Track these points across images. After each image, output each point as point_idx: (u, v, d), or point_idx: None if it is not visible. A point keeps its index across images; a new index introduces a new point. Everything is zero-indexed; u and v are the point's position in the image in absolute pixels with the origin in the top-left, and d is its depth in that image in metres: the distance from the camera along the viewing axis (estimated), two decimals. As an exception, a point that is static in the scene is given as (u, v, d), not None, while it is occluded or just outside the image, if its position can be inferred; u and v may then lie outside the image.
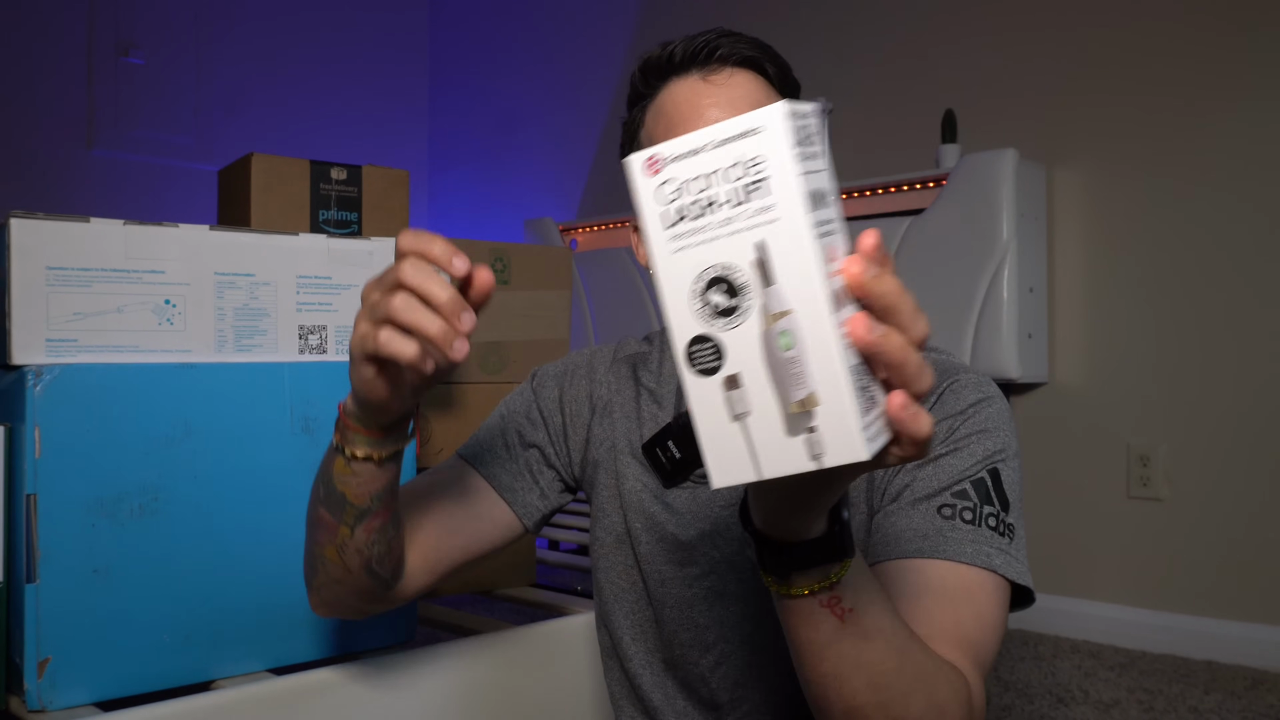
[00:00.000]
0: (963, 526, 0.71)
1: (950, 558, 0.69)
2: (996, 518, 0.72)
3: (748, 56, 0.81)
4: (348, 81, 3.95)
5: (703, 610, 0.86)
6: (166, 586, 1.01)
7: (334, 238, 1.15)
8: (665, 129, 0.81)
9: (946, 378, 0.79)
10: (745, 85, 0.81)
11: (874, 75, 2.80)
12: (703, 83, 0.81)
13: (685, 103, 0.80)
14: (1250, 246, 2.20)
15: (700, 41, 0.81)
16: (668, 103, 0.82)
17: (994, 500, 0.72)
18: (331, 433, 0.75)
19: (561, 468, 0.95)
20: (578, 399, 0.94)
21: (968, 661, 0.65)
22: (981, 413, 0.76)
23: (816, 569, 0.55)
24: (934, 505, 0.72)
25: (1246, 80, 2.20)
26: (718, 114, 0.79)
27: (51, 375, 0.95)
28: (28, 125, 3.22)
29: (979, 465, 0.73)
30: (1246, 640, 2.14)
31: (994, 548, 0.71)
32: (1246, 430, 2.18)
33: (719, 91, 0.80)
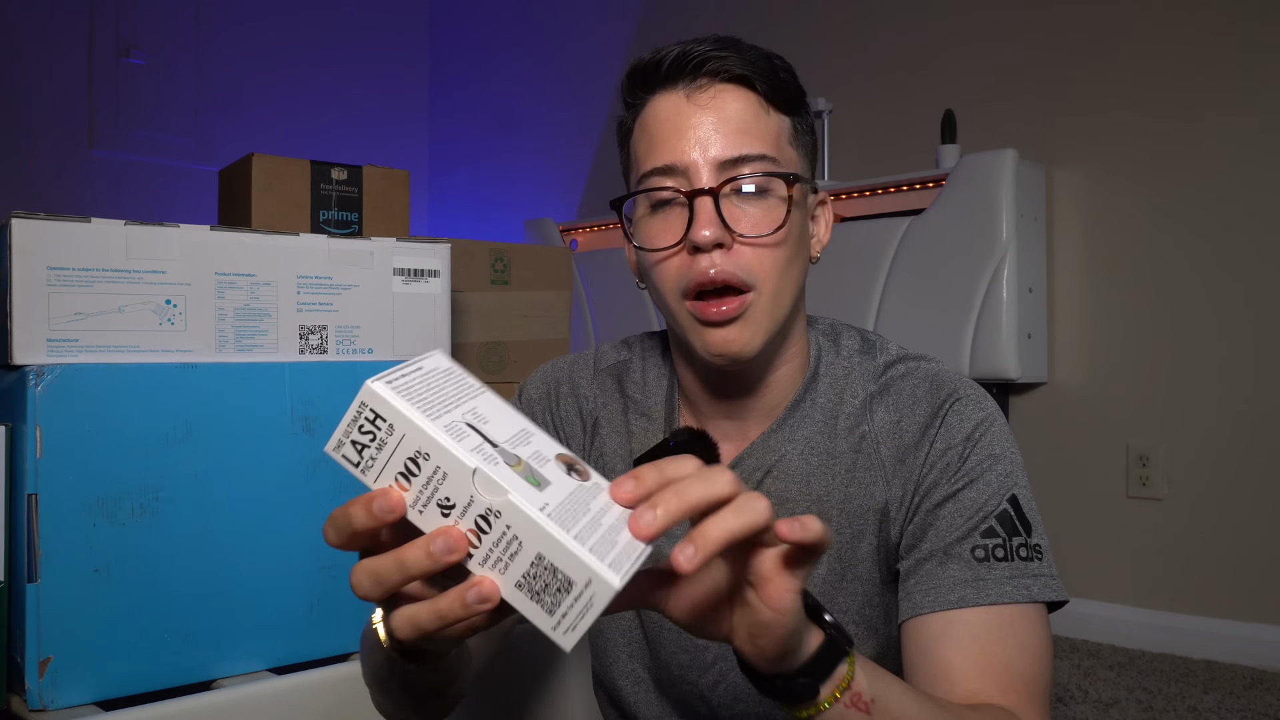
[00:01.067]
0: (998, 566, 0.73)
1: (994, 601, 0.71)
2: (1026, 546, 0.74)
3: (737, 74, 0.76)
4: (348, 81, 3.95)
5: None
6: (167, 586, 1.01)
7: (334, 238, 1.15)
8: (647, 147, 0.77)
9: (944, 395, 0.79)
10: (732, 104, 0.75)
11: (874, 76, 2.80)
12: (686, 101, 0.76)
13: (667, 121, 0.76)
14: (1249, 247, 2.20)
15: (689, 54, 0.76)
16: (650, 118, 0.77)
17: (1020, 529, 0.74)
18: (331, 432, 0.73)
19: None
20: (569, 420, 0.90)
21: (1025, 700, 0.68)
22: (988, 435, 0.77)
23: (829, 678, 0.57)
24: (966, 549, 0.73)
25: (1246, 82, 2.20)
26: (699, 135, 0.74)
27: (52, 375, 0.96)
28: (28, 125, 3.22)
29: (999, 497, 0.75)
30: (1245, 640, 2.14)
31: (1030, 577, 0.73)
32: (1245, 430, 2.19)
33: (703, 112, 0.75)
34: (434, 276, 1.22)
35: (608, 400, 0.90)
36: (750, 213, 0.75)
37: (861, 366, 0.83)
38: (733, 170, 0.74)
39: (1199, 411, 2.25)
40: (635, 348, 0.93)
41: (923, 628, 0.73)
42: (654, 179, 0.76)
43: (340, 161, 1.45)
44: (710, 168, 0.74)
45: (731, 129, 0.75)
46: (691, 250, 0.74)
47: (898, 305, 2.46)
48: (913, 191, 2.56)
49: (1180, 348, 2.28)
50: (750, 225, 0.74)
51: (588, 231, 3.37)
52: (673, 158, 0.75)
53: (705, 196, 0.73)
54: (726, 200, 0.74)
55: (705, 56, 0.75)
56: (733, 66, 0.75)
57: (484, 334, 1.56)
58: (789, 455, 0.81)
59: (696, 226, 0.73)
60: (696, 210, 0.73)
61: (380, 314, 1.17)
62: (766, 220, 0.74)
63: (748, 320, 0.75)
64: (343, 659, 1.13)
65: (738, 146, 0.74)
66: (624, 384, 0.90)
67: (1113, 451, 2.37)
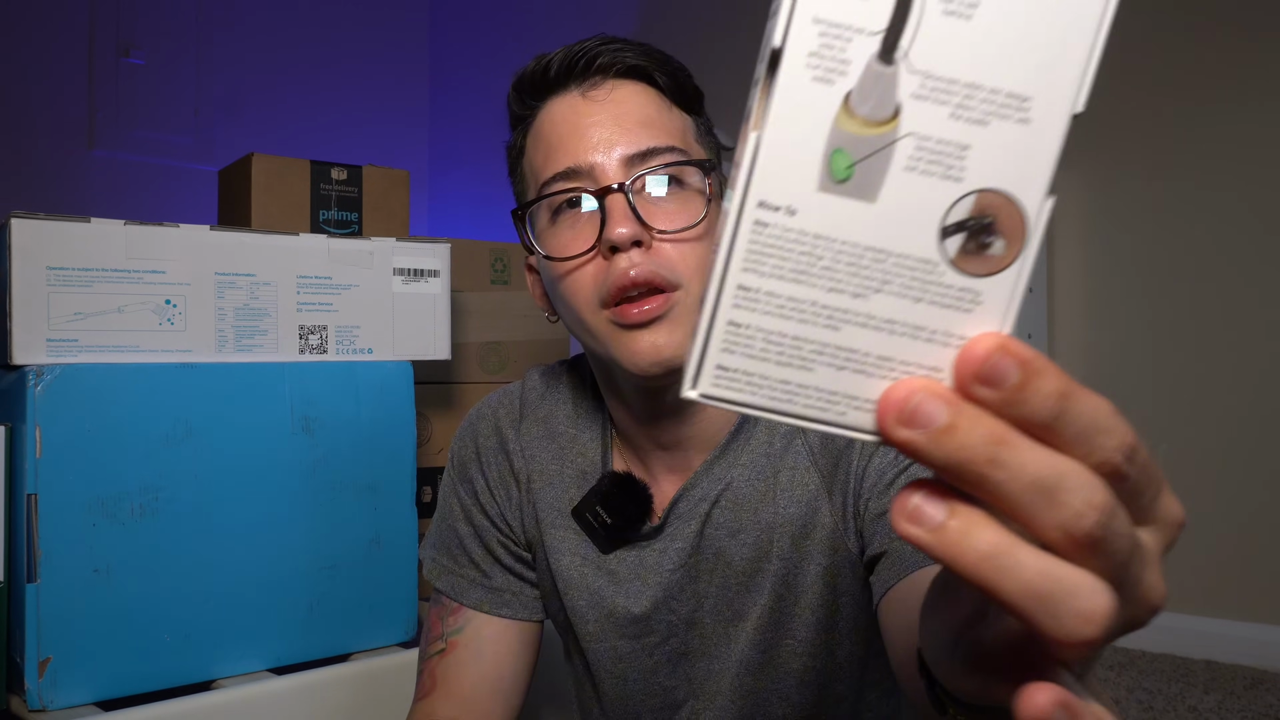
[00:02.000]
0: None
1: None
2: None
3: (632, 65, 0.71)
4: (348, 81, 3.95)
5: (667, 673, 0.80)
6: (167, 586, 1.02)
7: (334, 238, 1.15)
8: (545, 155, 0.71)
9: None
10: (633, 99, 0.71)
11: (874, 75, 2.80)
12: (582, 99, 0.71)
13: (564, 123, 0.71)
14: (1250, 247, 2.20)
15: (578, 52, 0.71)
16: (545, 124, 0.72)
17: None
18: (331, 432, 0.72)
19: (524, 552, 0.86)
20: (504, 480, 0.84)
21: None
22: None
23: None
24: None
25: (1246, 82, 2.20)
26: (601, 134, 0.69)
27: (52, 375, 0.96)
28: (28, 125, 3.22)
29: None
30: (1246, 640, 2.14)
31: None
32: (1246, 430, 2.19)
33: (601, 109, 0.70)
34: (434, 276, 1.22)
35: (537, 450, 0.83)
36: (666, 208, 0.69)
37: None
38: (641, 165, 0.69)
39: (1199, 412, 2.25)
40: (564, 377, 0.86)
41: (902, 593, 0.65)
42: (555, 184, 0.70)
43: (340, 161, 1.45)
44: (617, 165, 0.69)
45: (634, 122, 0.70)
46: (608, 252, 0.68)
47: (898, 305, 2.46)
48: (913, 191, 2.56)
49: (1181, 348, 2.28)
50: (668, 220, 0.69)
51: (588, 231, 3.37)
52: (574, 160, 0.69)
53: (617, 194, 0.68)
54: (639, 197, 0.69)
55: (595, 52, 0.71)
56: (627, 59, 0.71)
57: (484, 334, 1.57)
58: (735, 482, 0.75)
59: (610, 225, 0.67)
60: (609, 209, 0.67)
61: (380, 314, 1.17)
62: (684, 214, 0.69)
63: (674, 320, 0.68)
64: (343, 659, 1.14)
65: (644, 140, 0.69)
66: (554, 423, 0.84)
67: (1113, 451, 2.37)
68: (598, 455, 0.80)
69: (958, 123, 0.29)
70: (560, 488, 0.82)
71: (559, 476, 0.82)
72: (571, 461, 0.82)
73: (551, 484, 0.82)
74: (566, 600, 0.81)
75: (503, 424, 0.85)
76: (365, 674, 1.10)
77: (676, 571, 0.77)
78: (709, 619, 0.77)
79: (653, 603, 0.78)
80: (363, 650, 1.15)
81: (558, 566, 0.81)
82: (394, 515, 1.17)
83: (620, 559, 0.79)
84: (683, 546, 0.76)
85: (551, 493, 0.82)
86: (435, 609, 0.87)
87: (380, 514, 1.16)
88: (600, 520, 0.77)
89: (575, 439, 0.82)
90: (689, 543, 0.76)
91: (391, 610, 1.17)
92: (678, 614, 0.78)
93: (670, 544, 0.77)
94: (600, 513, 0.76)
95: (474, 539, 0.85)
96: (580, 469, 0.81)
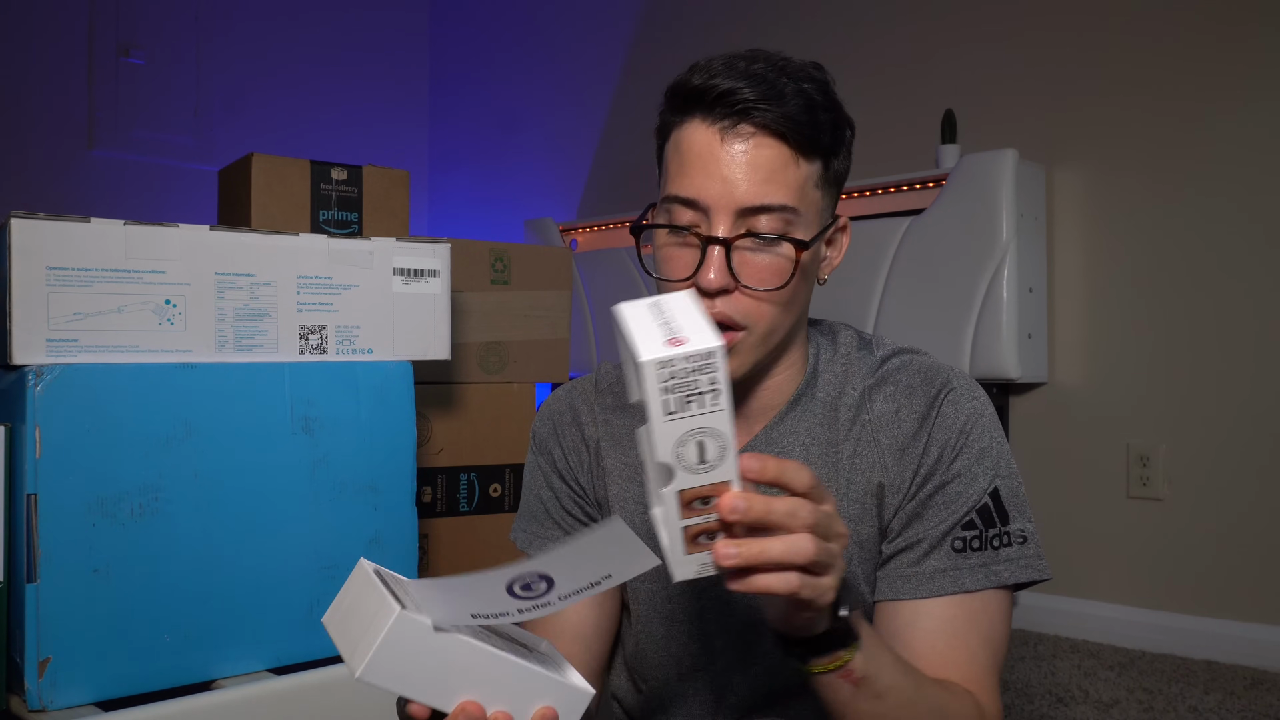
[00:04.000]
0: (973, 556, 0.79)
1: (966, 589, 0.78)
2: (1001, 534, 0.80)
3: (770, 127, 0.75)
4: (348, 81, 3.95)
5: (712, 620, 0.88)
6: (166, 586, 1.01)
7: (334, 238, 1.15)
8: (677, 169, 0.79)
9: (938, 385, 0.83)
10: (764, 153, 0.76)
11: (874, 75, 2.80)
12: (720, 141, 0.76)
13: (697, 156, 0.77)
14: (1250, 247, 2.20)
15: (734, 95, 0.75)
16: (684, 143, 0.79)
17: (996, 520, 0.80)
18: (330, 433, 0.74)
19: (596, 512, 0.96)
20: (576, 448, 0.94)
21: (982, 685, 0.77)
22: (977, 428, 0.82)
23: (826, 655, 0.66)
24: (948, 542, 0.80)
25: (1247, 82, 2.20)
26: (727, 184, 0.76)
27: (52, 375, 0.96)
28: (28, 125, 3.22)
29: (982, 492, 0.80)
30: (1246, 640, 2.14)
31: (1001, 563, 0.79)
32: (1246, 430, 2.19)
33: (732, 157, 0.76)
34: (434, 276, 1.22)
35: (609, 418, 0.93)
36: (759, 262, 0.77)
37: (860, 362, 0.87)
38: (751, 219, 0.76)
39: (1199, 411, 2.25)
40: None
41: (897, 613, 0.80)
42: (676, 207, 0.79)
43: (340, 161, 1.45)
44: (728, 213, 0.76)
45: (758, 178, 0.76)
46: (697, 288, 0.77)
47: (898, 305, 2.46)
48: (913, 191, 2.56)
49: (1180, 348, 2.28)
50: (756, 277, 0.77)
51: (588, 231, 3.36)
52: (696, 193, 0.77)
53: (718, 246, 0.76)
54: (737, 250, 0.77)
55: (748, 106, 0.75)
56: (772, 122, 0.75)
57: (484, 334, 1.56)
58: (791, 448, 0.85)
59: (704, 271, 0.76)
60: (708, 256, 0.76)
61: (380, 314, 1.17)
62: (772, 274, 0.77)
63: (735, 352, 0.78)
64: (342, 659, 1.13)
65: (760, 196, 0.76)
66: (626, 398, 0.92)
67: (1113, 451, 2.37)
68: None
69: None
70: (628, 446, 0.91)
71: (627, 438, 0.92)
72: (641, 425, 0.88)
73: (620, 445, 0.92)
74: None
75: (576, 401, 0.96)
76: (365, 674, 1.10)
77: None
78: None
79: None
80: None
81: (622, 515, 0.89)
82: (394, 515, 1.17)
83: None
84: None
85: (619, 453, 0.91)
86: None
87: (380, 514, 1.16)
88: None
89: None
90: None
91: (391, 610, 1.17)
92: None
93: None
94: None
95: (554, 502, 0.95)
96: None
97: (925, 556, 0.80)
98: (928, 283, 2.40)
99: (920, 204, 2.52)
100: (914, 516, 0.82)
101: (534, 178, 3.86)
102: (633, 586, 0.90)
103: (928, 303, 2.40)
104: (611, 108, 3.58)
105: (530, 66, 3.90)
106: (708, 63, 0.78)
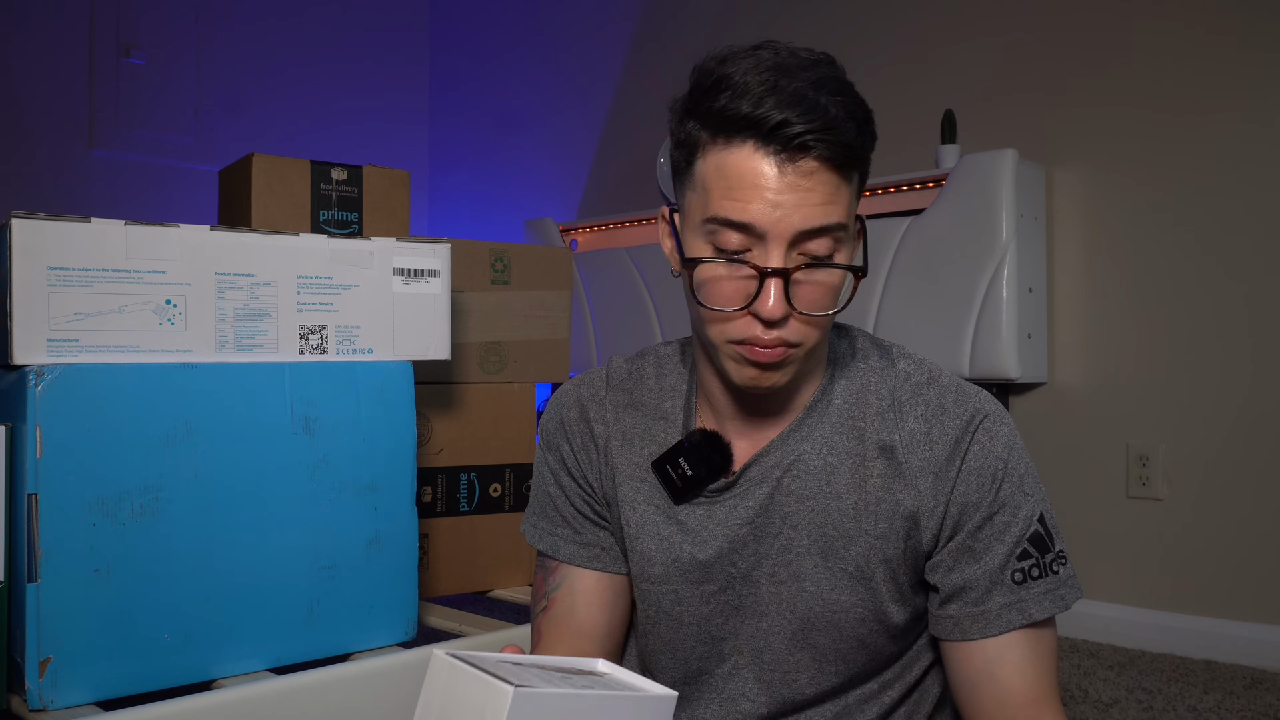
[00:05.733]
0: (1035, 585, 0.81)
1: (1034, 620, 0.80)
2: (1055, 560, 0.82)
3: (829, 159, 0.74)
4: (348, 81, 3.95)
5: (719, 623, 0.88)
6: (167, 586, 1.02)
7: (334, 238, 1.15)
8: (724, 190, 0.75)
9: (971, 411, 0.83)
10: (820, 179, 0.74)
11: (874, 75, 2.80)
12: (775, 172, 0.73)
13: (750, 183, 0.74)
14: (1249, 247, 2.20)
15: (792, 128, 0.72)
16: (733, 169, 0.75)
17: (1049, 544, 0.82)
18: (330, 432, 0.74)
19: (604, 510, 0.95)
20: (585, 446, 0.94)
21: (1055, 706, 0.80)
22: (1013, 455, 0.82)
23: None
24: (1007, 575, 0.80)
25: (1246, 81, 2.20)
26: (784, 210, 0.74)
27: (52, 375, 0.96)
28: (28, 125, 3.22)
29: (1030, 519, 0.82)
30: (1245, 639, 2.14)
31: (1063, 587, 0.81)
32: (1245, 430, 2.19)
33: (789, 186, 0.74)
34: (434, 276, 1.22)
35: (620, 416, 0.93)
36: (812, 288, 0.76)
37: (881, 371, 0.86)
38: (807, 242, 0.75)
39: (1199, 411, 2.25)
40: (649, 358, 0.96)
41: (980, 653, 0.81)
42: (723, 230, 0.76)
43: (340, 161, 1.45)
44: (783, 240, 0.74)
45: (815, 202, 0.74)
46: (754, 315, 0.76)
47: (898, 305, 2.46)
48: (913, 191, 2.56)
49: (1180, 348, 2.28)
50: (810, 301, 0.77)
51: (588, 231, 3.36)
52: (750, 218, 0.74)
53: (777, 278, 0.75)
54: (792, 279, 0.75)
55: (807, 140, 0.73)
56: (832, 155, 0.74)
57: (484, 334, 1.57)
58: (807, 454, 0.84)
59: (762, 301, 0.75)
60: (765, 287, 0.75)
61: (380, 314, 1.17)
62: (825, 297, 0.77)
63: (783, 367, 0.79)
64: (343, 659, 1.14)
65: (818, 218, 0.75)
66: (638, 395, 0.93)
67: (1113, 451, 2.37)
68: (679, 419, 0.90)
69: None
70: (640, 446, 0.91)
71: (640, 438, 0.91)
72: (654, 425, 0.91)
73: (631, 444, 0.91)
74: (638, 544, 0.89)
75: (584, 397, 0.95)
76: (365, 674, 1.10)
77: (743, 527, 0.85)
78: (765, 580, 0.86)
79: (717, 552, 0.86)
80: (363, 650, 1.15)
81: (631, 515, 0.90)
82: (394, 515, 1.17)
83: (689, 511, 0.88)
84: (752, 505, 0.85)
85: (630, 452, 0.91)
86: (539, 573, 0.97)
87: (380, 514, 1.16)
88: (680, 472, 0.86)
89: (658, 407, 0.92)
90: (759, 503, 0.85)
91: (391, 610, 1.17)
92: (737, 567, 0.86)
93: (740, 502, 0.85)
94: (681, 464, 0.86)
95: (563, 499, 0.95)
96: (664, 431, 0.90)
97: (988, 594, 0.80)
98: (927, 283, 2.40)
99: (920, 204, 2.52)
100: (964, 552, 0.81)
101: (534, 178, 3.86)
102: (642, 588, 0.90)
103: (928, 303, 2.40)
104: (611, 108, 3.58)
105: (530, 66, 3.90)
106: (743, 81, 0.74)
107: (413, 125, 4.23)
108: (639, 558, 0.89)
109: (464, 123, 4.15)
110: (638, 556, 0.90)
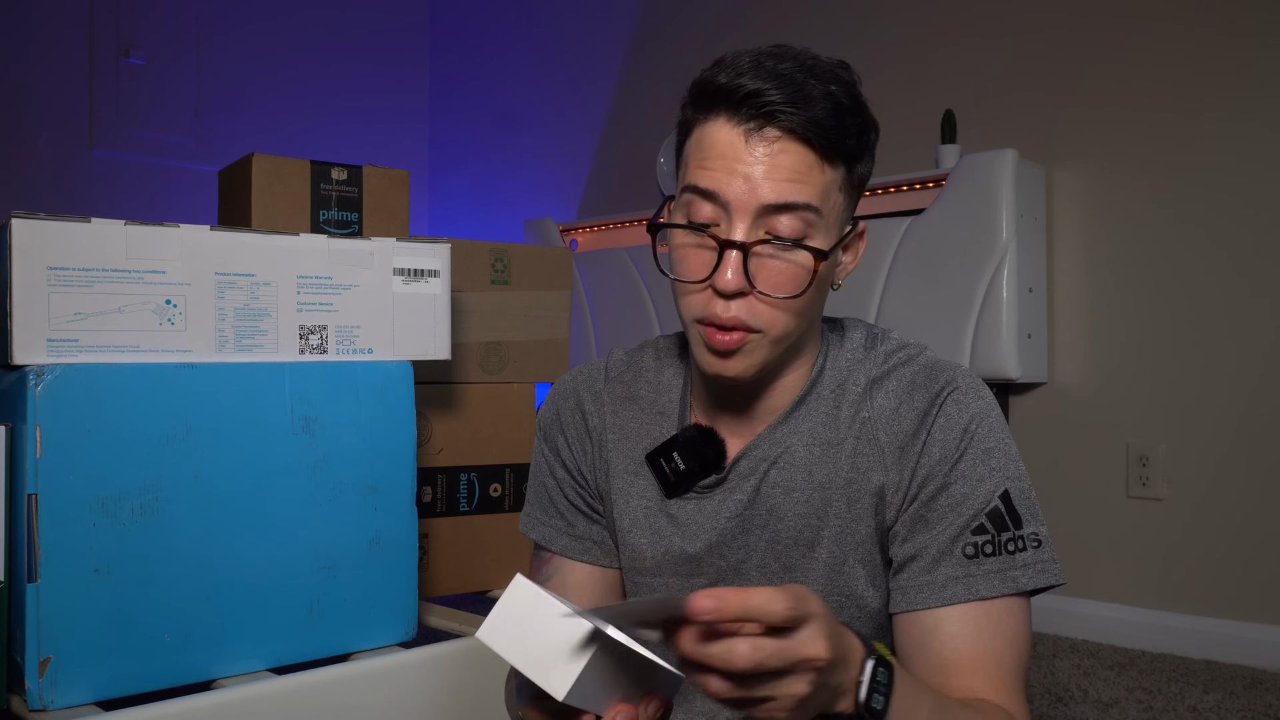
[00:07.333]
0: (987, 562, 0.77)
1: (982, 597, 0.77)
2: (1015, 539, 0.78)
3: (796, 131, 0.74)
4: (348, 81, 3.95)
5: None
6: (167, 586, 1.02)
7: (334, 238, 1.15)
8: (699, 162, 0.77)
9: (941, 384, 0.82)
10: (789, 155, 0.74)
11: (874, 76, 2.79)
12: (744, 141, 0.75)
13: (720, 154, 0.75)
14: (1250, 246, 2.20)
15: (761, 96, 0.73)
16: (707, 140, 0.77)
17: (1009, 524, 0.78)
18: (329, 432, 0.74)
19: (597, 504, 0.96)
20: (580, 438, 0.94)
21: (1009, 691, 0.75)
22: (982, 428, 0.80)
23: None
24: (959, 548, 0.78)
25: (1245, 80, 2.20)
26: (749, 181, 0.74)
27: (52, 375, 0.96)
28: (28, 125, 3.22)
29: (991, 495, 0.79)
30: (1245, 639, 2.14)
31: (1018, 569, 0.77)
32: (1245, 430, 2.19)
33: (755, 158, 0.74)
34: (434, 276, 1.22)
35: (617, 409, 0.93)
36: (776, 268, 0.76)
37: (865, 359, 0.86)
38: (771, 219, 0.75)
39: (1199, 411, 2.25)
40: (649, 351, 0.96)
41: (917, 623, 0.78)
42: (695, 199, 0.77)
43: (340, 161, 1.45)
44: (748, 212, 0.75)
45: (781, 177, 0.74)
46: (713, 289, 0.77)
47: (898, 305, 2.46)
48: (912, 191, 2.56)
49: (1180, 347, 2.28)
50: (771, 283, 0.76)
51: (588, 231, 3.36)
52: (717, 187, 0.75)
53: (735, 250, 0.75)
54: (755, 254, 0.76)
55: (774, 109, 0.73)
56: (798, 126, 0.74)
57: (484, 334, 1.57)
58: (794, 447, 0.84)
59: (720, 273, 0.75)
60: (724, 259, 0.75)
61: (380, 314, 1.17)
62: (789, 280, 0.76)
63: (746, 353, 0.78)
64: (343, 659, 1.14)
65: (784, 194, 0.74)
66: (636, 388, 0.93)
67: (1113, 451, 2.37)
68: (675, 414, 0.90)
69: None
70: (635, 440, 0.91)
71: (635, 432, 0.91)
72: (650, 419, 0.91)
73: (626, 438, 0.91)
74: (630, 538, 0.90)
75: (581, 390, 0.95)
76: (365, 674, 1.10)
77: (731, 520, 0.85)
78: (754, 571, 0.86)
79: (706, 545, 0.86)
80: (363, 650, 1.15)
81: (624, 508, 0.90)
82: (394, 515, 1.17)
83: (680, 506, 0.88)
84: (740, 499, 0.85)
85: (625, 445, 0.91)
86: (534, 563, 0.98)
87: (380, 514, 1.16)
88: (673, 466, 0.87)
89: (655, 401, 0.92)
90: (746, 496, 0.85)
91: (391, 610, 1.17)
92: (727, 560, 0.86)
93: (729, 496, 0.86)
94: (675, 458, 0.86)
95: (557, 490, 0.95)
96: (659, 425, 0.90)
97: (935, 564, 0.78)
98: (927, 283, 2.40)
99: (920, 204, 2.52)
100: (918, 520, 0.80)
101: (534, 178, 3.86)
102: (633, 580, 0.91)
103: (927, 303, 2.40)
104: (611, 108, 3.58)
105: (530, 66, 3.90)
106: (734, 60, 0.76)
107: (413, 125, 4.23)
108: (630, 551, 0.90)
109: (464, 123, 4.15)
110: (629, 550, 0.90)
